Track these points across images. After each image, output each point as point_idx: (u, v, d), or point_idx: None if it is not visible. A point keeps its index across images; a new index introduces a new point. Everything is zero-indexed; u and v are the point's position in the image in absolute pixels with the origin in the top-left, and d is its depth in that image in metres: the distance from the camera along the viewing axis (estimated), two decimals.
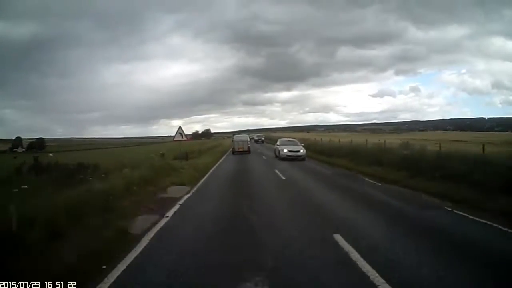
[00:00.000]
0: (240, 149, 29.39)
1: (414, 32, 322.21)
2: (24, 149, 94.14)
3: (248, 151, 29.32)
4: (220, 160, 22.42)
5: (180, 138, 17.69)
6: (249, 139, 32.03)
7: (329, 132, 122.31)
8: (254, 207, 7.40)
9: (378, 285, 3.61)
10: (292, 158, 21.06)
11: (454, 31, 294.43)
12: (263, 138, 56.33)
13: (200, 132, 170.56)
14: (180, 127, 17.71)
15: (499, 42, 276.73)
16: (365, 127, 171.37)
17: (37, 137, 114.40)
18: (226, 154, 28.03)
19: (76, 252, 4.38)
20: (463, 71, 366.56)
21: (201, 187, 10.67)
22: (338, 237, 5.19)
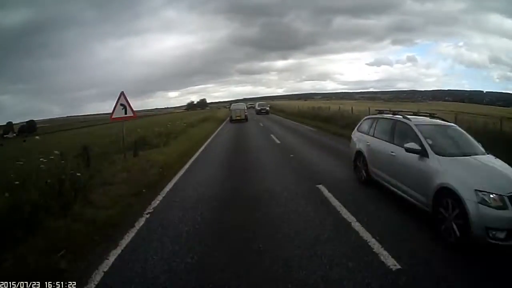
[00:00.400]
0: (238, 117, 30.94)
1: (411, 3, 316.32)
2: (15, 134, 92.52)
3: (246, 119, 30.60)
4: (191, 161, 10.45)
5: (123, 115, 9.67)
6: (246, 108, 33.52)
7: (327, 100, 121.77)
8: None
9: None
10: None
11: (451, 4, 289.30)
12: (267, 108, 45.28)
13: (195, 102, 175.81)
14: (122, 95, 9.65)
15: (496, 19, 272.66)
16: (363, 95, 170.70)
17: (28, 120, 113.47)
18: (211, 137, 17.42)
19: None
20: (460, 43, 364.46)
21: None
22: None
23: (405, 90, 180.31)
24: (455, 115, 11.27)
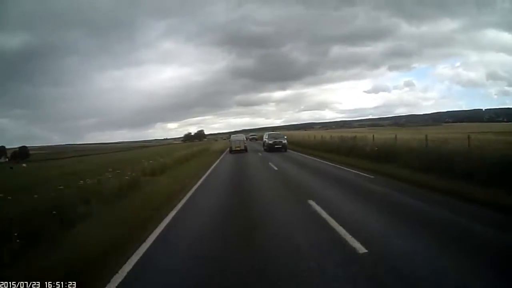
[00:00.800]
0: (238, 148, 29.84)
1: (406, 28, 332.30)
2: (7, 159, 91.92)
3: (245, 150, 29.63)
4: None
5: None
6: (245, 139, 32.20)
7: (326, 129, 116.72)
8: None
9: None
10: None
11: (446, 25, 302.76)
12: (284, 142, 43.90)
13: (192, 133, 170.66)
14: None
15: (491, 34, 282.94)
16: (361, 122, 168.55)
17: (20, 146, 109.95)
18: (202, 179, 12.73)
19: None
20: (457, 64, 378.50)
21: None
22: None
23: (404, 115, 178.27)
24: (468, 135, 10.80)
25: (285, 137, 30.89)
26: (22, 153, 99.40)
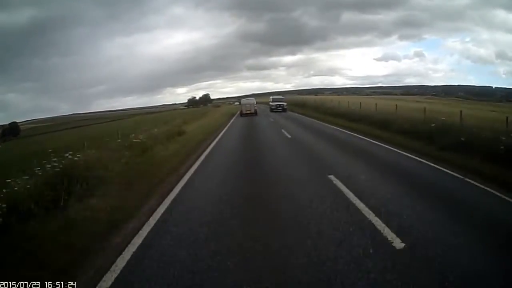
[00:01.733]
0: (248, 111, 31.73)
1: None
2: None
3: (256, 113, 31.18)
4: None
5: None
6: (255, 102, 34.48)
7: (337, 95, 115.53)
8: None
9: None
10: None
11: (458, 0, 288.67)
12: (284, 104, 35.85)
13: (197, 98, 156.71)
14: None
15: (502, 14, 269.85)
16: (374, 90, 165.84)
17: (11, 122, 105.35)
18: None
19: None
20: (467, 39, 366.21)
21: None
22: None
23: (414, 85, 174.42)
24: None
25: (285, 102, 37.25)
26: (13, 128, 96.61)
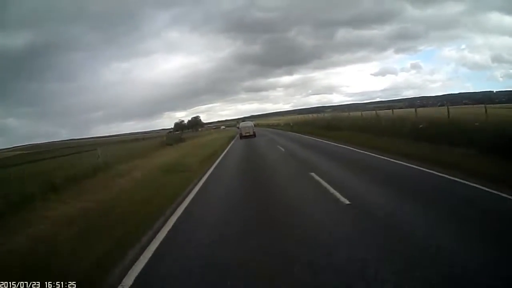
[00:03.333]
0: (247, 134, 35.52)
1: (411, 10, 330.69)
2: None
3: (254, 135, 35.03)
4: None
5: None
6: (253, 125, 39.48)
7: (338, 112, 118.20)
8: None
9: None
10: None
11: (451, 7, 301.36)
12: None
13: (185, 121, 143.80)
14: None
15: (495, 17, 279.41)
16: (376, 105, 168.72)
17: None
18: None
19: None
20: (463, 46, 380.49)
21: None
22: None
23: (416, 97, 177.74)
24: None
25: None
26: None
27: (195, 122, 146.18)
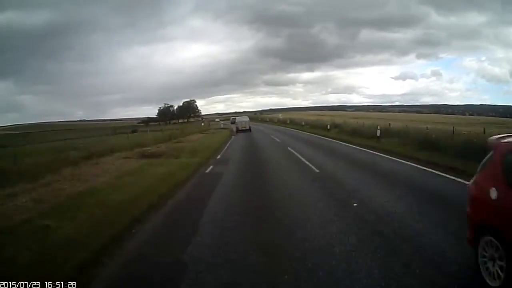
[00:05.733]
0: (243, 128, 37.84)
1: (436, 17, 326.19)
2: None
3: (250, 130, 37.70)
4: None
5: None
6: (249, 120, 42.30)
7: (359, 111, 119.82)
8: None
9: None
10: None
11: (473, 18, 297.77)
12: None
13: (174, 108, 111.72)
14: None
15: None
16: (402, 108, 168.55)
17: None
18: None
19: None
20: (483, 58, 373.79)
21: None
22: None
23: (435, 104, 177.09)
24: None
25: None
26: None
27: (187, 109, 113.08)
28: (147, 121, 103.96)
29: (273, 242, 5.36)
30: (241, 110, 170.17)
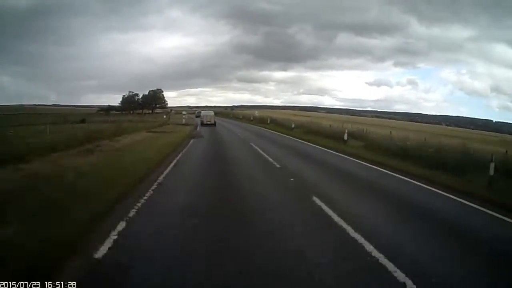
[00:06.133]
0: (208, 122, 38.97)
1: (417, 27, 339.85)
2: None
3: (214, 124, 38.62)
4: None
5: None
6: (214, 114, 43.51)
7: (328, 113, 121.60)
8: None
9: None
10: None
11: (457, 31, 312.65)
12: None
13: (139, 97, 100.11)
14: None
15: (500, 49, 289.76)
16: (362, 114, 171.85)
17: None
18: None
19: None
20: (463, 71, 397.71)
21: None
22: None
23: (412, 113, 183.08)
24: None
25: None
26: None
27: (153, 98, 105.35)
28: (106, 109, 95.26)
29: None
30: (213, 105, 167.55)
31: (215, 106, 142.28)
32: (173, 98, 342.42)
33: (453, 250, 5.17)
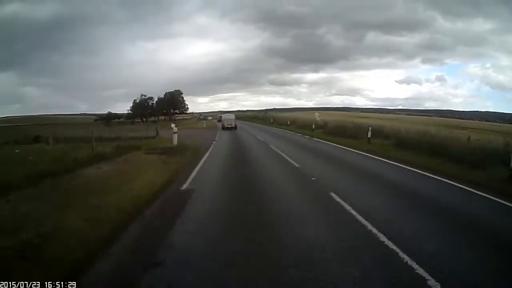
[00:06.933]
0: (229, 126, 39.51)
1: (442, 22, 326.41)
2: None
3: (235, 127, 39.06)
4: None
5: None
6: (235, 118, 43.97)
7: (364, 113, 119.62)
8: None
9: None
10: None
11: (479, 24, 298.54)
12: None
13: (154, 101, 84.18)
14: None
15: None
16: (417, 113, 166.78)
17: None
18: None
19: None
20: (488, 65, 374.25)
21: None
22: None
23: (442, 110, 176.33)
24: None
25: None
26: None
27: (171, 102, 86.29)
28: (106, 117, 75.92)
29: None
30: (245, 109, 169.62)
31: (247, 110, 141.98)
32: (205, 103, 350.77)
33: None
